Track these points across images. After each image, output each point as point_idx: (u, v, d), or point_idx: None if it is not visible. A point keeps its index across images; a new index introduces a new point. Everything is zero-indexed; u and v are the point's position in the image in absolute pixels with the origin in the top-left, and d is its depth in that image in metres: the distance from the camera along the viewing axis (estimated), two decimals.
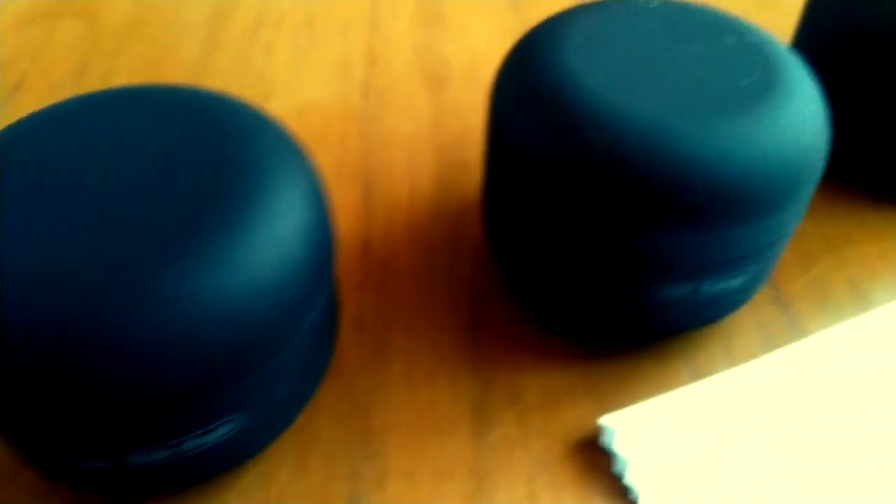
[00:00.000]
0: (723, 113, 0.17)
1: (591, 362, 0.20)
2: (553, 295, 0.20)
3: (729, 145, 0.17)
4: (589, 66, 0.18)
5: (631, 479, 0.18)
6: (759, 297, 0.22)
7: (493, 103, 0.19)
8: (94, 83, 0.28)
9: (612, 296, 0.19)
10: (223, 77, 0.29)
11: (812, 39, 0.25)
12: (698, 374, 0.20)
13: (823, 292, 0.22)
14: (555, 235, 0.18)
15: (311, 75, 0.29)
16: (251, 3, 0.32)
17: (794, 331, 0.21)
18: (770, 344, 0.21)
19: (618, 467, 0.18)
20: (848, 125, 0.24)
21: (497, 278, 0.22)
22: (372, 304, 0.22)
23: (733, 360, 0.21)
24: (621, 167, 0.17)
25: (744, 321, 0.22)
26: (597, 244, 0.18)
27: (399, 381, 0.20)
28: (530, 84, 0.19)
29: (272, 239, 0.15)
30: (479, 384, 0.20)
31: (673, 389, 0.20)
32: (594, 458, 0.19)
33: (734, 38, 0.19)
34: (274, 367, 0.16)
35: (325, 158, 0.26)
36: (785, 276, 0.23)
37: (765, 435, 0.19)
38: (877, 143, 0.24)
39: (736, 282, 0.19)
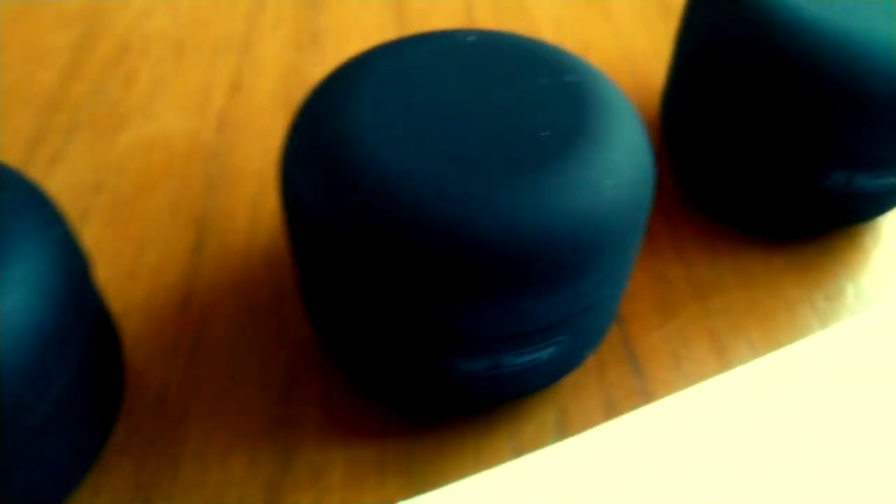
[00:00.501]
0: (514, 171, 0.15)
1: (408, 435, 0.19)
2: (366, 360, 0.18)
3: (510, 210, 0.15)
4: (378, 120, 0.16)
5: None
6: (608, 353, 0.20)
7: (281, 161, 0.17)
8: None
9: (415, 365, 0.17)
10: (73, 109, 0.27)
11: (684, 68, 0.23)
12: (523, 449, 0.18)
13: (681, 348, 0.21)
14: (354, 301, 0.17)
15: (168, 106, 0.27)
16: (119, 27, 0.31)
17: (643, 394, 0.20)
18: (613, 410, 0.19)
19: None
20: (724, 161, 0.22)
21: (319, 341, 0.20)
22: (181, 370, 0.20)
23: (565, 432, 0.19)
24: (394, 237, 0.15)
25: (585, 383, 0.20)
26: (386, 312, 0.16)
27: (190, 460, 0.18)
28: (314, 143, 0.17)
29: None
30: (279, 461, 0.18)
31: (492, 467, 0.18)
32: None
33: (550, 77, 0.17)
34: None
35: (161, 200, 0.24)
36: (641, 329, 0.21)
37: None
38: (751, 179, 0.22)
39: (545, 353, 0.17)
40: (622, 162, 0.16)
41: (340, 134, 0.16)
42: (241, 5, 0.32)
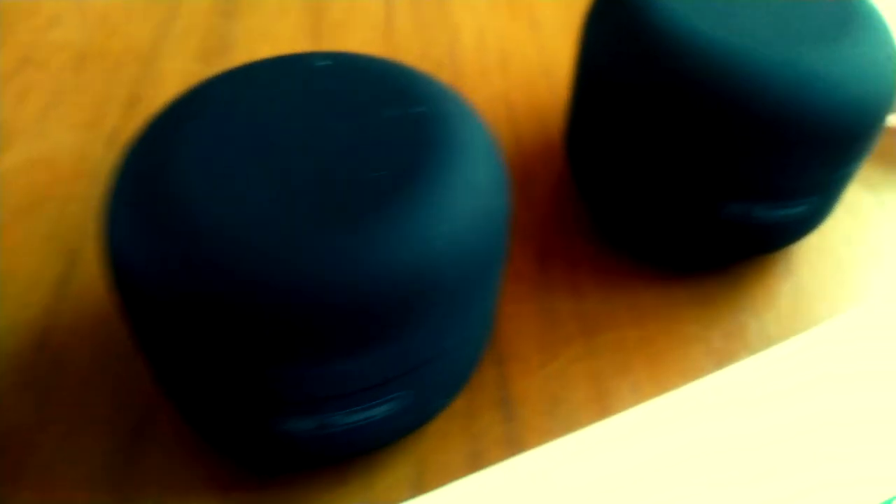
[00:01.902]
0: (334, 222, 0.14)
1: (255, 489, 0.17)
2: (203, 416, 0.17)
3: (323, 266, 0.13)
4: (203, 168, 0.15)
5: None
6: (481, 397, 0.19)
7: (103, 215, 0.16)
8: None
9: (244, 423, 0.16)
10: None
11: (581, 92, 0.21)
12: None
13: (560, 391, 0.19)
14: (178, 358, 0.15)
15: (60, 122, 0.26)
16: (23, 36, 0.29)
17: (512, 442, 0.18)
18: (479, 460, 0.18)
19: None
20: (622, 188, 0.21)
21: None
22: (30, 411, 0.19)
23: (423, 486, 0.18)
24: (204, 301, 0.14)
25: (450, 431, 0.18)
26: (211, 371, 0.15)
27: None
28: (135, 197, 0.15)
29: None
30: None
31: None
32: None
33: (398, 109, 0.16)
34: None
35: (36, 227, 0.23)
36: (520, 370, 0.20)
37: None
38: (649, 208, 0.20)
39: (381, 410, 0.16)
40: (463, 206, 0.15)
41: (162, 186, 0.15)
42: (153, 12, 0.31)
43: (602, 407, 0.19)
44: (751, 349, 0.20)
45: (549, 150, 0.25)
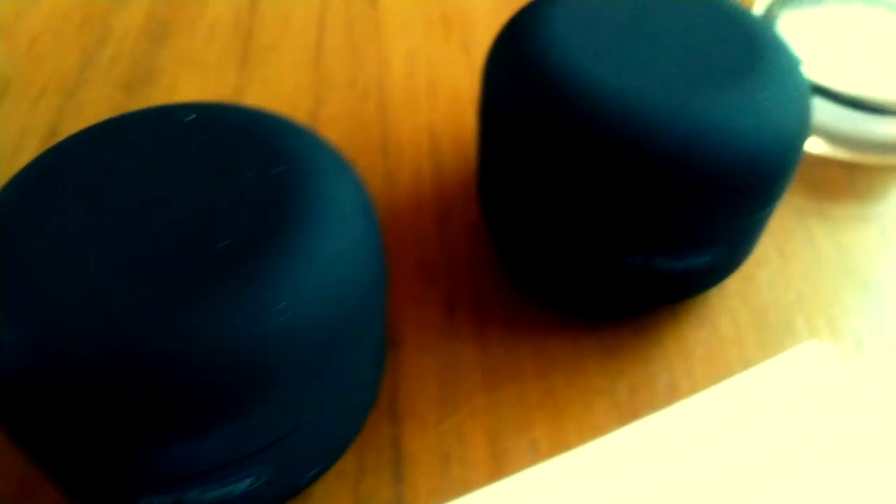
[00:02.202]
0: (172, 295, 0.13)
1: None
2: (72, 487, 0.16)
3: (155, 343, 0.13)
4: (49, 232, 0.14)
5: None
6: (373, 456, 0.18)
7: None
8: None
9: (103, 499, 0.15)
10: None
11: (484, 138, 0.21)
12: None
13: (455, 448, 0.19)
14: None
15: None
16: None
17: None
18: None
19: None
20: (528, 234, 0.20)
21: None
22: None
23: None
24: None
25: (337, 493, 0.18)
26: (70, 450, 0.14)
27: None
28: None
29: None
30: None
31: None
32: None
33: (258, 168, 0.15)
34: None
35: None
36: (415, 427, 0.19)
37: None
38: (554, 256, 0.20)
39: (241, 486, 0.15)
40: (316, 275, 0.14)
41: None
42: (84, 37, 0.30)
43: (497, 466, 0.18)
44: (656, 404, 0.19)
45: (468, 187, 0.24)
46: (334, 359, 0.15)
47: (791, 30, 0.27)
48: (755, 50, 0.18)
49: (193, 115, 0.17)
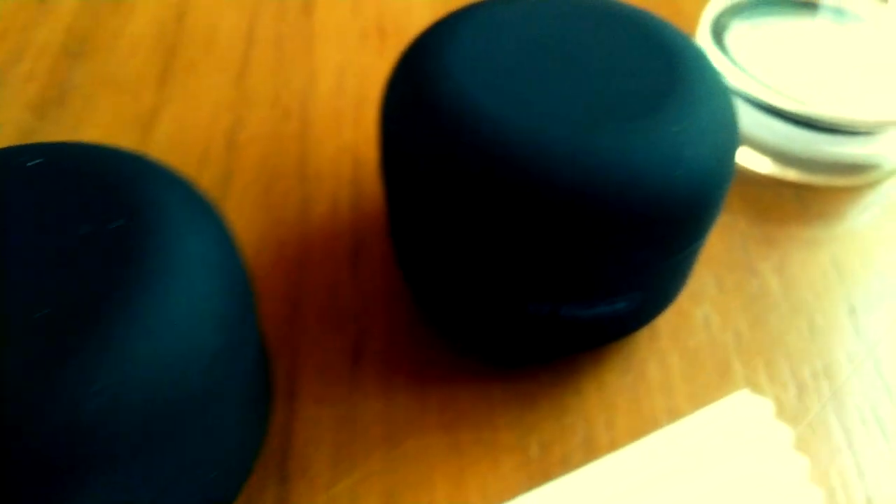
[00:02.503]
0: None
1: None
2: None
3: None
4: None
5: None
6: None
7: None
8: None
9: None
10: None
11: (385, 176, 0.19)
12: None
13: None
14: None
15: None
16: None
17: None
18: None
19: None
20: (435, 278, 0.18)
21: None
22: None
23: None
24: None
25: None
26: None
27: None
28: None
29: None
30: None
31: None
32: None
33: (95, 224, 0.14)
34: None
35: None
36: (306, 490, 0.17)
37: None
38: (462, 302, 0.18)
39: None
40: (143, 349, 0.13)
41: None
42: (0, 52, 0.28)
43: None
44: (570, 461, 0.18)
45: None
46: (179, 433, 0.13)
47: (740, 43, 0.25)
48: (675, 73, 0.17)
49: (40, 159, 0.15)
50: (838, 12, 0.26)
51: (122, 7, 0.30)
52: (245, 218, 0.23)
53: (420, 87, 0.17)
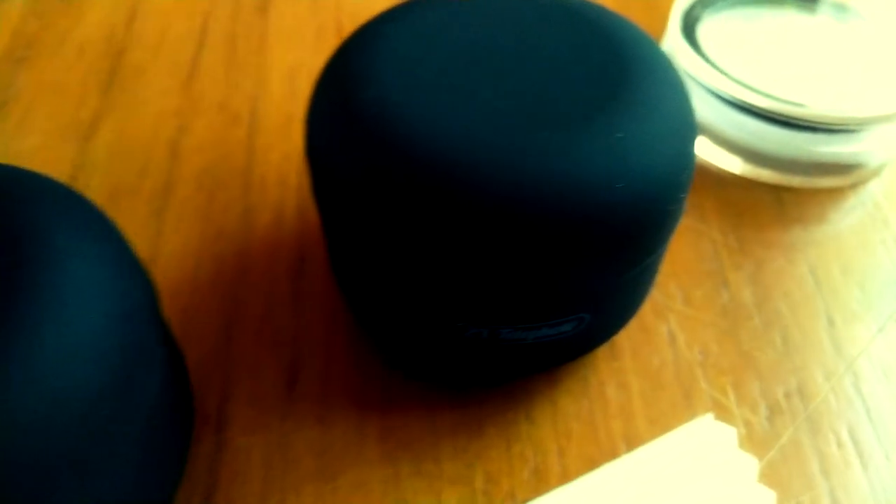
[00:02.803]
0: None
1: None
2: None
3: None
4: None
5: None
6: None
7: None
8: None
9: None
10: None
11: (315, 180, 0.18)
12: None
13: None
14: None
15: None
16: None
17: None
18: None
19: None
20: (365, 290, 0.17)
21: None
22: None
23: None
24: None
25: None
26: None
27: None
28: None
29: None
30: None
31: None
32: None
33: None
34: None
35: None
36: None
37: None
38: (397, 325, 0.17)
39: None
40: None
41: None
42: None
43: None
44: (517, 495, 0.16)
45: None
46: (64, 481, 0.12)
47: (712, 36, 0.23)
48: (623, 75, 0.15)
49: None
50: (817, 4, 0.25)
51: (71, 10, 0.29)
52: (185, 230, 0.21)
53: (342, 95, 0.15)
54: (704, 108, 0.22)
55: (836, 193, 0.22)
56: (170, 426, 0.15)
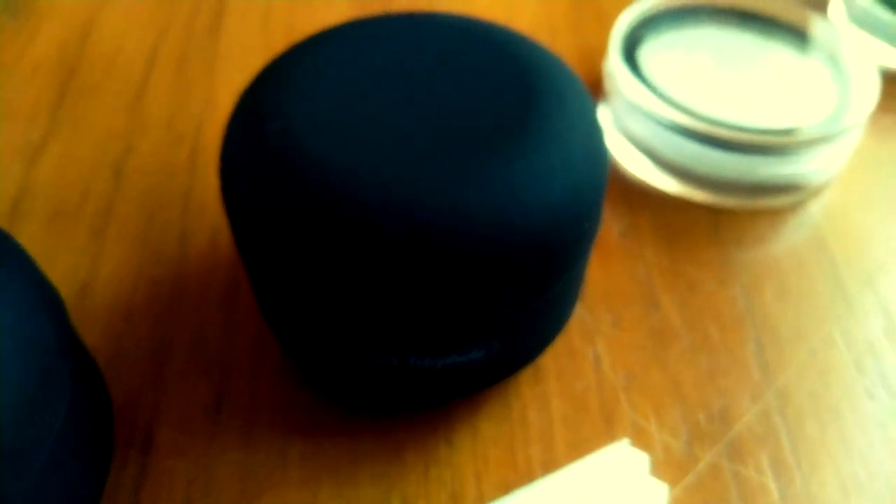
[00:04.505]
0: None
1: None
2: None
3: None
4: None
5: None
6: None
7: None
8: None
9: None
10: None
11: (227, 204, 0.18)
12: None
13: None
14: None
15: None
16: None
17: None
18: None
19: None
20: (282, 315, 0.17)
21: None
22: None
23: None
24: None
25: None
26: None
27: None
28: None
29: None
30: None
31: None
32: None
33: None
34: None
35: None
36: None
37: None
38: (310, 344, 0.17)
39: None
40: None
41: None
42: None
43: None
44: None
45: None
46: None
47: (653, 56, 0.23)
48: (530, 104, 0.15)
49: None
50: (764, 25, 0.25)
51: (26, 28, 0.29)
52: (123, 253, 0.21)
53: (250, 128, 0.15)
54: (641, 129, 0.23)
55: (774, 215, 0.22)
56: (83, 451, 0.15)
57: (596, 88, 0.25)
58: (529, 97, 0.15)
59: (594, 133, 0.16)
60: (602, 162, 0.16)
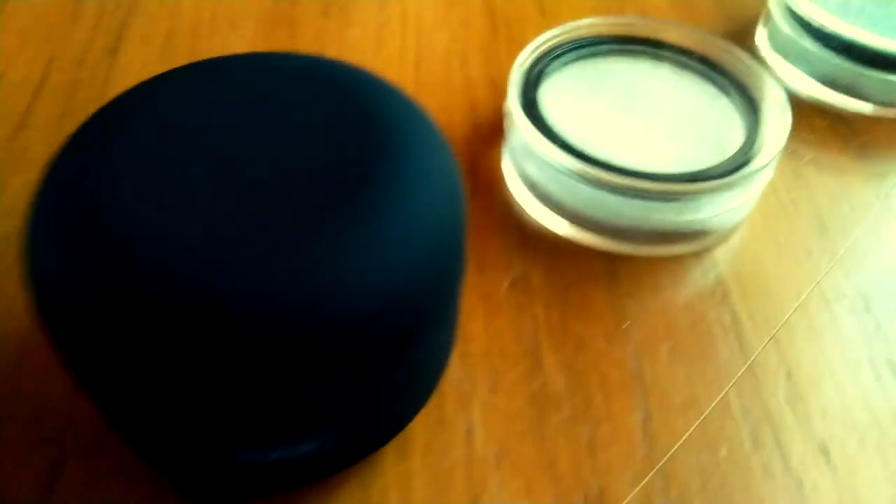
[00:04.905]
0: None
1: None
2: None
3: None
4: None
5: None
6: None
7: None
8: None
9: None
10: None
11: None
12: None
13: None
14: None
15: None
16: None
17: None
18: None
19: None
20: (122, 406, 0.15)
21: None
22: None
23: None
24: None
25: None
26: None
27: None
28: None
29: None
30: None
31: None
32: None
33: None
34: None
35: None
36: None
37: None
38: (140, 440, 0.15)
39: None
40: None
41: None
42: None
43: None
44: None
45: None
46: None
47: (554, 95, 0.22)
48: (373, 163, 0.14)
49: None
50: (678, 56, 0.23)
51: None
52: None
53: (56, 189, 0.14)
54: (537, 172, 0.21)
55: (675, 262, 0.21)
56: None
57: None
58: (373, 153, 0.14)
59: (450, 194, 0.14)
60: (457, 229, 0.14)
